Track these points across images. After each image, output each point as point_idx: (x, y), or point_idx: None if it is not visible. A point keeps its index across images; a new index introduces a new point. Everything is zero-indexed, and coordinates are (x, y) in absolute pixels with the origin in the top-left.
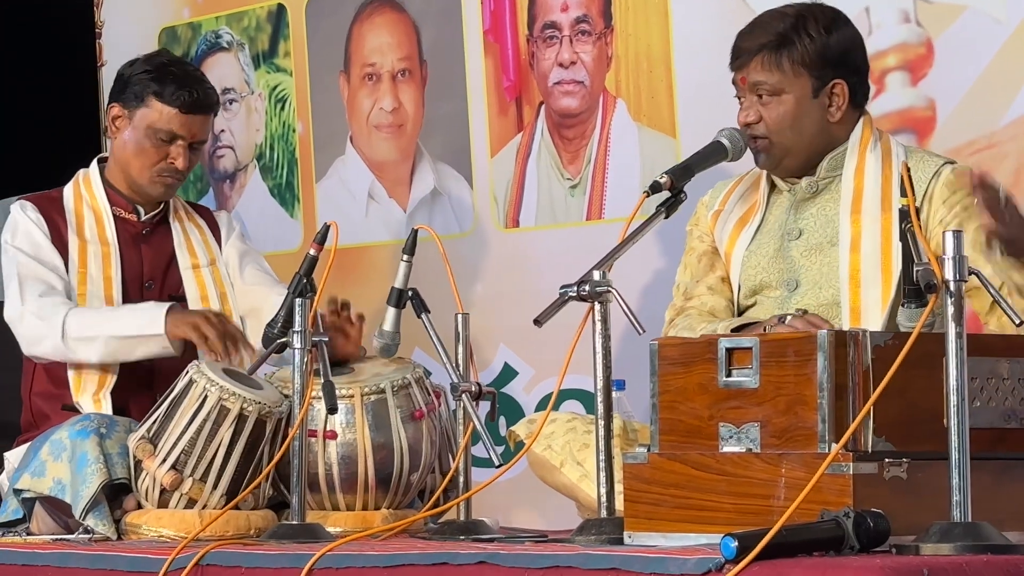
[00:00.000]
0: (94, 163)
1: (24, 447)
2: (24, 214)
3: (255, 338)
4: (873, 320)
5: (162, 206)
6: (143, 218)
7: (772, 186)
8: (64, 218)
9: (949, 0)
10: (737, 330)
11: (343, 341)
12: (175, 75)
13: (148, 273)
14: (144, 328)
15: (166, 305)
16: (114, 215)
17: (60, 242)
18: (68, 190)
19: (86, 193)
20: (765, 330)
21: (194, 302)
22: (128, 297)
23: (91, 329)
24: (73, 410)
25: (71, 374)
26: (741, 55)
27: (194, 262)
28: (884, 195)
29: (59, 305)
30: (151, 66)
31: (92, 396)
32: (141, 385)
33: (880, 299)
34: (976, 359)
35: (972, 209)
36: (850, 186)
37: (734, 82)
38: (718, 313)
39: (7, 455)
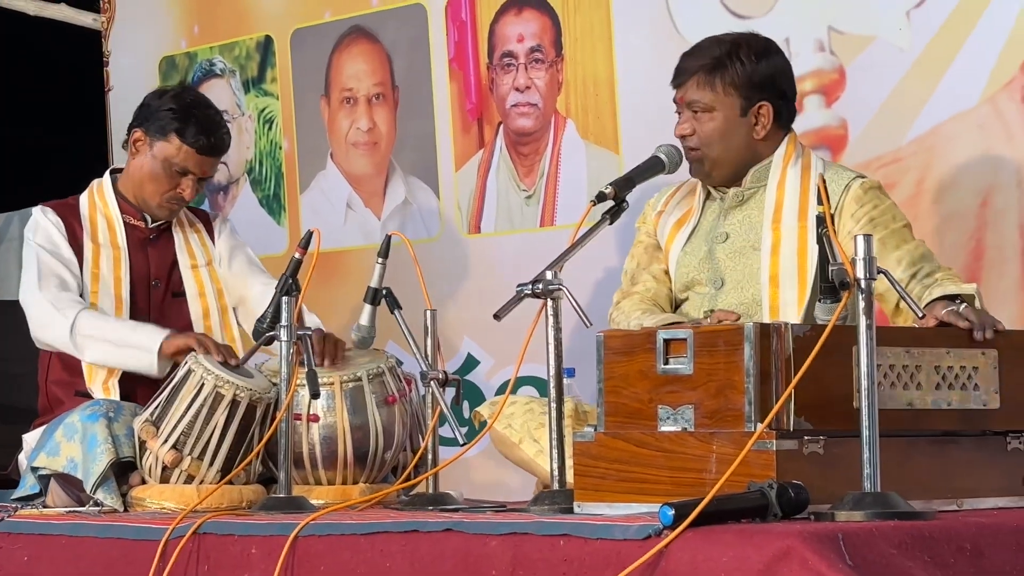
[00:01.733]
0: (107, 174)
1: (40, 429)
2: (45, 217)
3: (245, 321)
4: (790, 317)
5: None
6: (150, 225)
7: (708, 193)
8: (80, 223)
9: (859, 31)
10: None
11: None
12: (198, 118)
13: (154, 273)
14: (141, 343)
15: (166, 331)
16: (124, 222)
17: (76, 244)
18: (84, 198)
19: (99, 201)
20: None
21: (193, 298)
22: (136, 294)
23: (98, 331)
24: (85, 396)
25: (84, 364)
26: (681, 75)
27: (193, 263)
28: (801, 206)
29: (74, 302)
30: (177, 104)
31: (102, 384)
32: (146, 376)
33: (796, 299)
34: (883, 348)
35: (878, 219)
36: (772, 197)
37: (674, 99)
38: (660, 300)
39: (25, 437)
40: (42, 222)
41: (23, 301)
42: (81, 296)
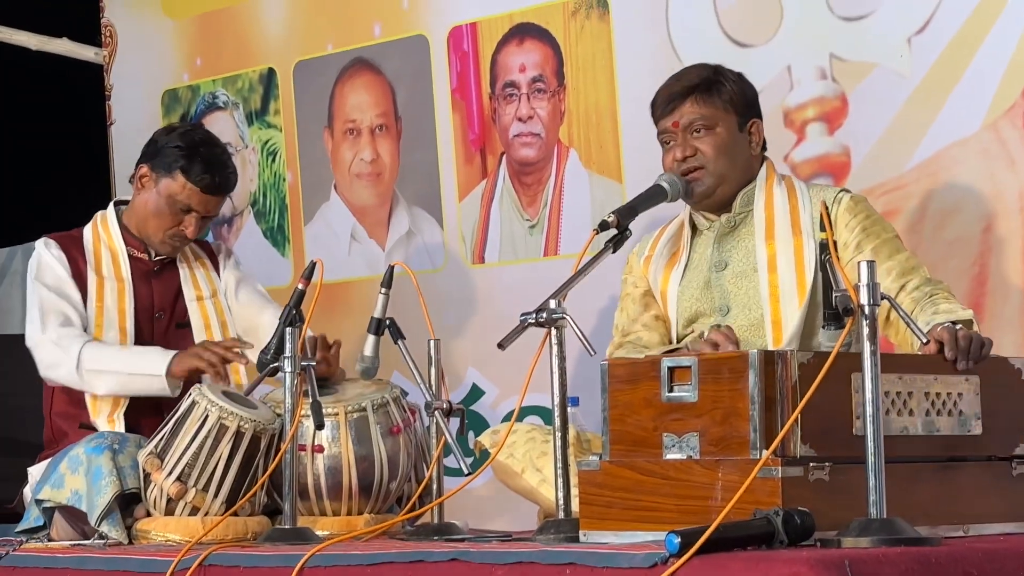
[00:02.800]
0: (111, 206)
1: (45, 462)
2: (48, 251)
3: (252, 355)
4: (791, 329)
5: None
6: (154, 257)
7: (693, 229)
8: (84, 256)
9: (860, 59)
10: (669, 353)
11: (323, 365)
12: (203, 157)
13: (158, 305)
14: (148, 368)
15: (172, 353)
16: (128, 254)
17: (79, 277)
18: (88, 230)
19: (103, 233)
20: (687, 348)
21: (199, 330)
22: (140, 326)
23: (103, 363)
24: (90, 428)
25: (88, 396)
26: (673, 100)
27: (198, 294)
28: (793, 222)
29: (77, 337)
30: (184, 143)
31: (107, 417)
32: (150, 406)
33: (796, 312)
34: (888, 375)
35: (870, 229)
36: (761, 217)
37: (664, 129)
38: (651, 347)
39: (30, 470)
40: (44, 256)
41: (29, 344)
42: (85, 330)
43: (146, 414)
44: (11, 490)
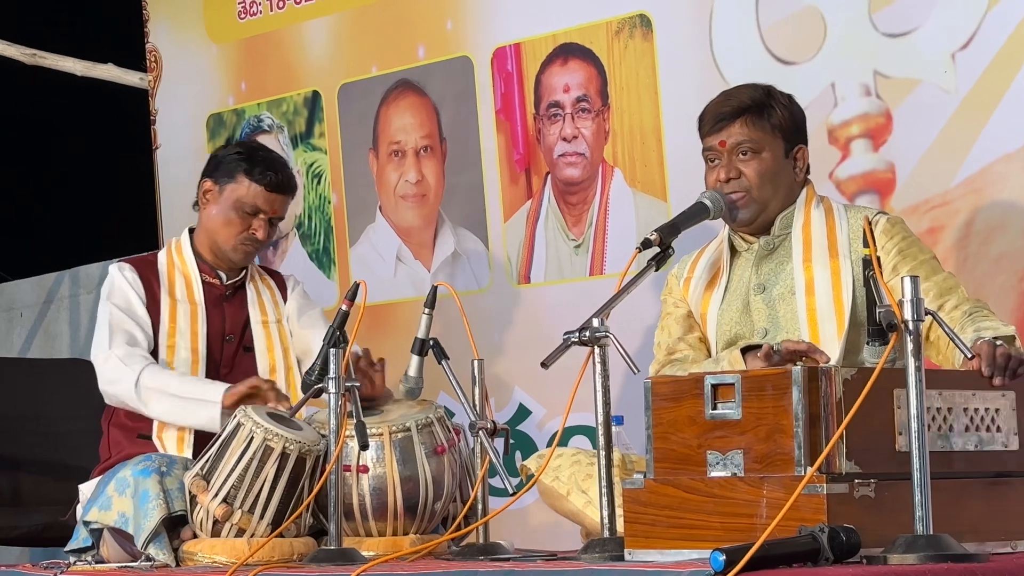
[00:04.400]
0: (185, 233)
1: (96, 481)
2: (122, 275)
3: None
4: (830, 351)
5: (242, 272)
6: (226, 283)
7: (732, 251)
8: (158, 280)
9: (905, 75)
10: (746, 350)
11: (368, 384)
12: (264, 158)
13: (229, 329)
14: (204, 395)
15: (225, 384)
16: (201, 280)
17: (153, 300)
18: (162, 255)
19: (178, 259)
20: (773, 349)
21: (261, 353)
22: (211, 348)
23: (161, 384)
24: (147, 439)
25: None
26: (722, 119)
27: (264, 319)
28: (831, 244)
29: (141, 358)
30: (243, 149)
31: (176, 437)
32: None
33: (835, 334)
34: (932, 391)
35: (907, 251)
36: (800, 239)
37: (710, 146)
38: (700, 363)
39: (81, 487)
40: (118, 280)
41: (94, 357)
42: (154, 353)
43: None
44: (61, 514)
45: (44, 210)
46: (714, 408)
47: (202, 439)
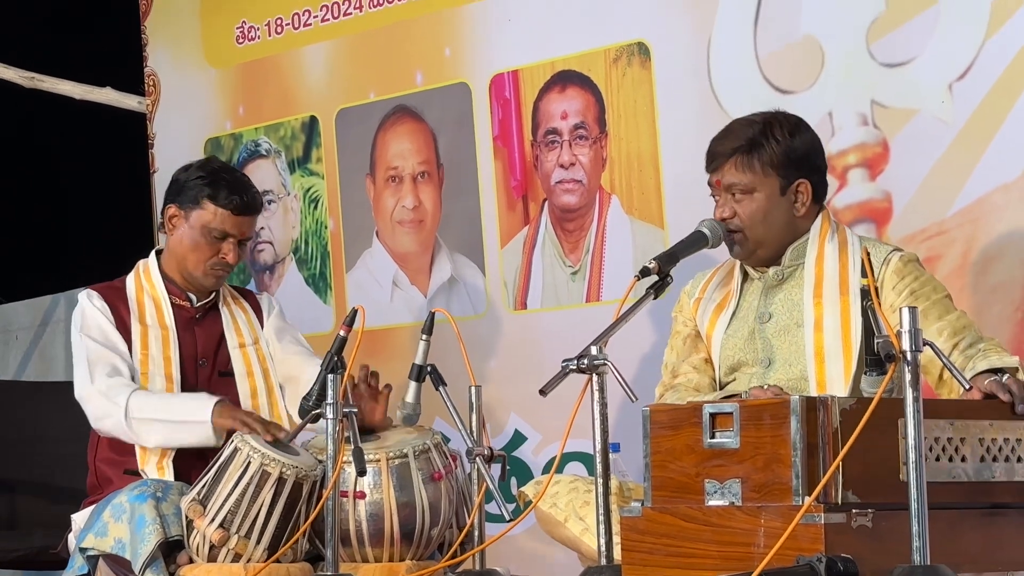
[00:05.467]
0: (152, 255)
1: (89, 509)
2: (91, 303)
3: (293, 403)
4: (837, 391)
5: (212, 294)
6: (196, 304)
7: (745, 274)
8: (127, 306)
9: (902, 105)
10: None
11: (372, 407)
12: (227, 181)
13: (201, 352)
14: (193, 415)
15: (216, 398)
16: (171, 302)
17: (123, 327)
18: (130, 280)
19: (146, 283)
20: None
21: (240, 377)
22: (184, 373)
23: (149, 413)
24: (135, 475)
25: (137, 445)
26: (716, 159)
27: (240, 341)
28: (842, 280)
29: (124, 387)
30: (204, 172)
31: (156, 464)
32: (196, 453)
33: (843, 372)
34: (928, 421)
35: (919, 291)
36: (812, 273)
37: (710, 183)
38: (702, 389)
39: (74, 517)
40: (88, 309)
41: (79, 397)
42: (133, 379)
43: (193, 461)
44: (56, 537)
45: (40, 232)
46: (712, 437)
47: (182, 466)
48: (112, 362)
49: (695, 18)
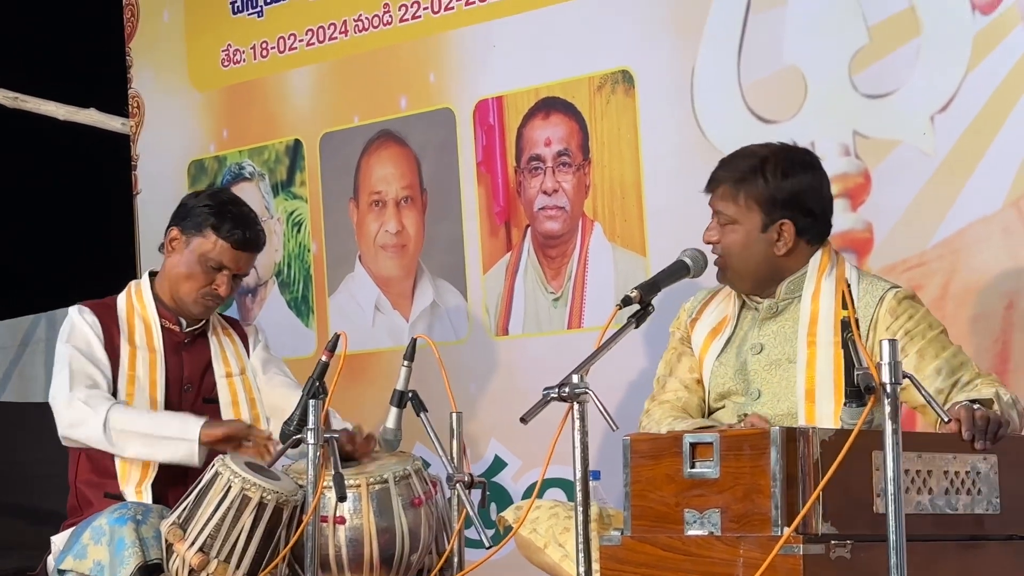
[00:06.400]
0: (145, 276)
1: (69, 531)
2: (81, 317)
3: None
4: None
5: (202, 321)
6: (185, 329)
7: (743, 302)
8: (117, 325)
9: (884, 136)
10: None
11: (351, 450)
12: (233, 214)
13: (187, 377)
14: (179, 432)
15: (204, 418)
16: (161, 325)
17: (112, 346)
18: (122, 299)
19: (137, 304)
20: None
21: (226, 406)
22: (169, 397)
23: (131, 425)
24: (115, 498)
25: (118, 465)
26: (712, 182)
27: (228, 371)
28: (836, 319)
29: (105, 399)
30: (213, 202)
31: (135, 487)
32: (177, 478)
33: (833, 412)
34: (907, 453)
35: (913, 330)
36: (807, 309)
37: (709, 203)
38: (689, 409)
39: (54, 538)
40: (78, 323)
41: (53, 400)
42: (113, 396)
43: (173, 484)
44: (34, 559)
45: (21, 253)
46: (692, 467)
47: (161, 490)
48: (93, 376)
49: (679, 47)
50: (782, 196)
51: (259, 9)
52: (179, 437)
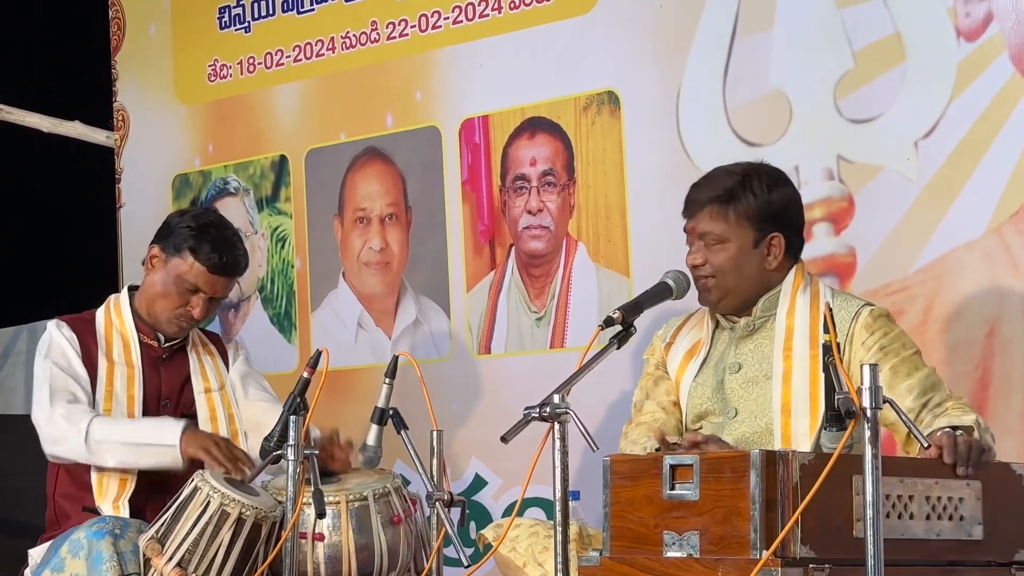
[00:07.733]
0: (125, 291)
1: (46, 544)
2: (60, 332)
3: (256, 450)
4: (802, 446)
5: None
6: (163, 344)
7: (716, 323)
8: (95, 340)
9: (868, 160)
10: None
11: (331, 462)
12: (212, 237)
13: (165, 393)
14: (160, 439)
15: (183, 422)
16: (139, 340)
17: (89, 361)
18: (100, 314)
19: (116, 319)
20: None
21: (204, 422)
22: (147, 412)
23: (112, 434)
24: (93, 511)
25: (94, 480)
26: (692, 206)
27: (206, 386)
28: (812, 334)
29: (85, 412)
30: (195, 223)
31: (112, 501)
32: (155, 492)
33: (808, 428)
34: (889, 478)
35: (888, 347)
36: (783, 326)
37: (685, 229)
38: (667, 430)
39: (31, 551)
40: (56, 338)
41: (35, 418)
42: (92, 409)
43: (151, 499)
44: (12, 571)
45: (3, 264)
46: (672, 488)
47: (139, 504)
48: (73, 391)
49: (665, 69)
50: (772, 210)
51: (246, 24)
52: (160, 443)
